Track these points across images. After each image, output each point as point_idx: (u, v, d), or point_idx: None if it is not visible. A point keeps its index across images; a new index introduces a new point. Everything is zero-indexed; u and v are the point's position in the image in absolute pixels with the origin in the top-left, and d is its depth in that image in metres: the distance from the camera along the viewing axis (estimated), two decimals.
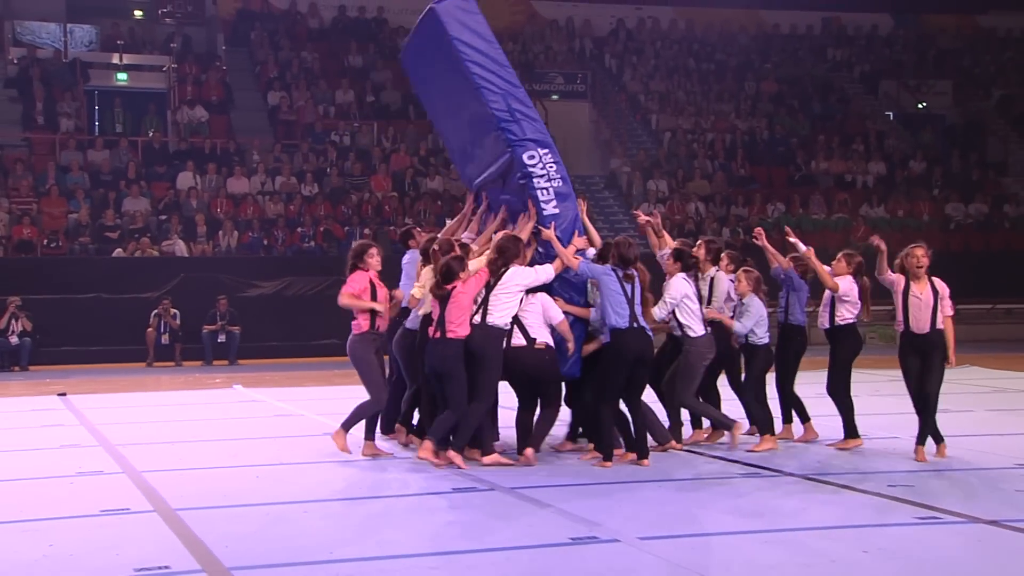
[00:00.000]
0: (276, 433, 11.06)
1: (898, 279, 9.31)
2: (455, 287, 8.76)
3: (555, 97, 28.50)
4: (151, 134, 25.07)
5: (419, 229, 10.97)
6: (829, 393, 9.78)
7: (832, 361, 9.76)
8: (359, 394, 9.56)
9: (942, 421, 9.81)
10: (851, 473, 8.63)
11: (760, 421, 9.78)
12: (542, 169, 9.34)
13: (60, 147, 23.52)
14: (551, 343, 8.96)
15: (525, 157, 9.33)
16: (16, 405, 13.90)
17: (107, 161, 23.29)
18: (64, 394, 14.49)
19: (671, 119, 28.10)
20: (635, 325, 8.87)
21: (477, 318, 8.82)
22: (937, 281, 9.33)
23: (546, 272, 9.03)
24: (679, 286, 9.49)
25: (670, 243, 10.22)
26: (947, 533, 6.77)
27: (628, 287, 8.92)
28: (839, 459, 9.26)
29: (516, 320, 8.93)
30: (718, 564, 6.12)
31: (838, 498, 7.84)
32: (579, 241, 9.30)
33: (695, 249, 9.99)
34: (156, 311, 19.55)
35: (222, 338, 19.79)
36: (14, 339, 18.93)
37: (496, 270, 8.91)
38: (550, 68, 28.96)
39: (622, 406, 9.16)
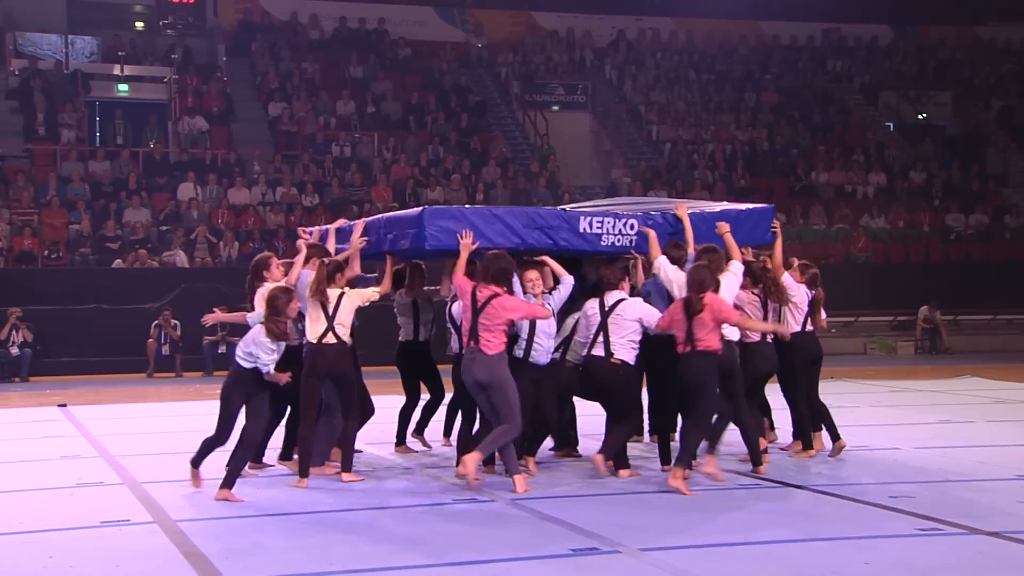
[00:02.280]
0: (276, 444, 11.02)
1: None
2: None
3: (555, 108, 28.56)
4: (152, 145, 25.11)
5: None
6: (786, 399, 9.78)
7: (781, 369, 9.66)
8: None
9: (943, 432, 9.83)
10: (853, 484, 8.62)
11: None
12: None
13: (61, 158, 23.55)
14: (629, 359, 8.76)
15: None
16: (16, 416, 13.90)
17: (108, 172, 23.32)
18: (64, 405, 14.48)
19: (671, 130, 28.14)
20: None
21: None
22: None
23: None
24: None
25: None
26: (948, 544, 6.75)
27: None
28: (841, 471, 9.24)
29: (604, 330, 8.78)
30: (719, 575, 6.11)
31: (840, 509, 7.82)
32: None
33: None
34: (156, 322, 19.55)
35: (223, 349, 19.78)
36: (15, 350, 18.93)
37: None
38: (550, 79, 29.02)
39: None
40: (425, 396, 10.58)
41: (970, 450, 10.06)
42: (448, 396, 10.14)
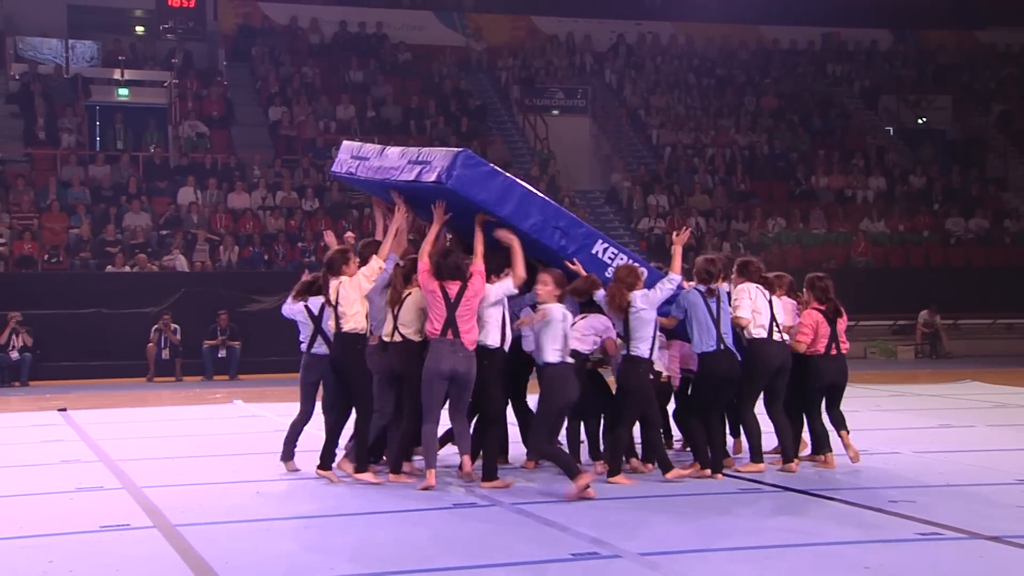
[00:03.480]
0: (277, 448, 10.99)
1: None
2: None
3: (556, 112, 28.56)
4: (152, 149, 25.10)
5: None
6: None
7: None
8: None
9: (943, 436, 9.82)
10: (852, 489, 8.61)
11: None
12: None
13: (61, 162, 23.55)
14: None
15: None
16: (16, 420, 13.88)
17: (108, 176, 23.31)
18: (64, 409, 14.47)
19: (671, 134, 28.14)
20: (722, 347, 8.87)
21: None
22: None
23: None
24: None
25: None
26: (949, 549, 6.75)
27: (713, 305, 8.90)
28: (840, 475, 9.23)
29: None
30: None
31: (840, 514, 7.82)
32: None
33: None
34: (157, 326, 19.54)
35: (223, 353, 19.78)
36: (14, 354, 18.91)
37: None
38: (550, 83, 29.02)
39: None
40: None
41: (970, 454, 10.05)
42: None
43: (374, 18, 29.30)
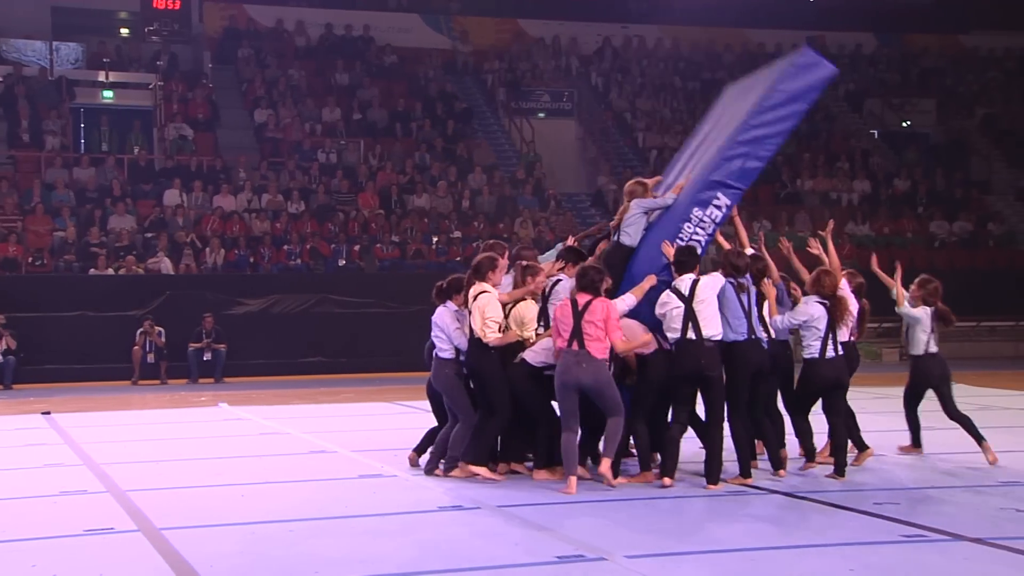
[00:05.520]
0: (262, 452, 11.02)
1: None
2: None
3: (541, 115, 28.60)
4: (137, 152, 25.03)
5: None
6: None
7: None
8: (344, 412, 9.54)
9: (928, 438, 9.84)
10: (837, 491, 8.63)
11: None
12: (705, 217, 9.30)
13: (45, 165, 23.46)
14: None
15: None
16: None
17: (93, 179, 23.23)
18: (48, 412, 14.40)
19: (657, 137, 28.19)
20: (752, 337, 8.89)
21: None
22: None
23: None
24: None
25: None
26: (933, 551, 6.78)
27: (744, 298, 8.92)
28: (825, 477, 9.25)
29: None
30: None
31: (824, 516, 7.84)
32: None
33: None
34: (141, 329, 19.48)
35: (208, 356, 19.72)
36: None
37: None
38: (536, 86, 29.06)
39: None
40: None
41: (954, 456, 10.08)
42: None
43: (360, 21, 29.29)
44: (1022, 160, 30.06)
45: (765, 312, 9.19)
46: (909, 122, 31.09)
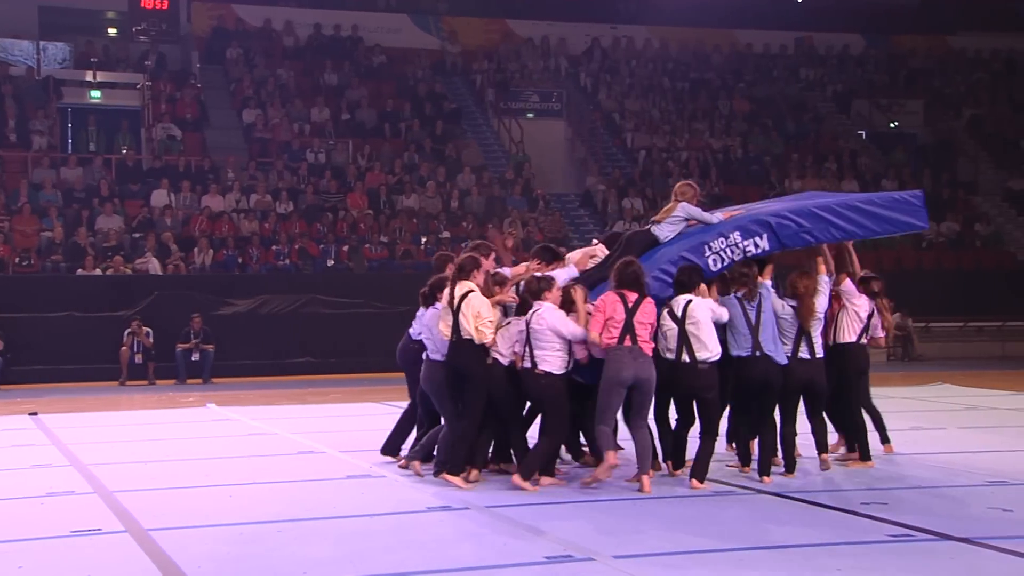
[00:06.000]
0: (250, 452, 11.00)
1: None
2: None
3: (530, 115, 28.60)
4: (125, 152, 24.95)
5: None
6: None
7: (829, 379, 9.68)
8: (332, 413, 9.53)
9: (915, 438, 9.88)
10: (825, 491, 8.66)
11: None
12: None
13: (33, 165, 23.37)
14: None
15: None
16: None
17: (80, 179, 23.16)
18: (35, 413, 14.35)
19: (646, 137, 28.23)
20: (758, 354, 8.91)
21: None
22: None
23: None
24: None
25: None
26: (920, 550, 6.80)
27: (751, 311, 8.93)
28: (813, 477, 9.28)
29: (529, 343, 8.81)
30: None
31: (812, 516, 7.87)
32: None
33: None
34: (129, 329, 19.42)
35: (196, 356, 19.67)
36: None
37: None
38: (525, 87, 29.06)
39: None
40: None
41: (942, 456, 10.12)
42: None
43: (349, 21, 29.26)
44: (1008, 161, 30.20)
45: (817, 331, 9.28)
46: (897, 123, 31.20)
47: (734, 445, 9.81)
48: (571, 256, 9.80)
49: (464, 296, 8.75)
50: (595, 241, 10.33)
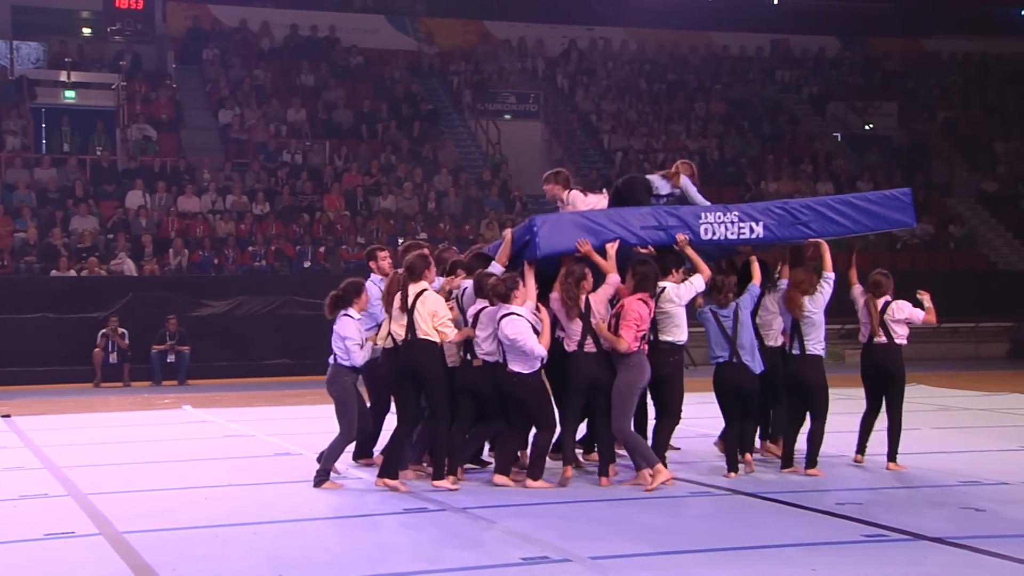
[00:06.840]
0: (226, 454, 10.96)
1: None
2: None
3: (507, 117, 28.60)
4: (99, 152, 24.80)
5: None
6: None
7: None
8: (309, 414, 9.51)
9: (886, 438, 9.93)
10: (799, 491, 8.70)
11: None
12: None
13: (6, 165, 23.20)
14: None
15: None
16: None
17: (54, 179, 23.01)
18: (8, 415, 14.25)
19: (622, 139, 28.28)
20: (734, 360, 9.09)
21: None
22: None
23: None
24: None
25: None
26: (893, 550, 6.84)
27: (726, 321, 9.10)
28: (788, 478, 9.32)
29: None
30: None
31: (787, 516, 7.90)
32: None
33: None
34: (104, 331, 19.30)
35: (171, 358, 19.57)
36: None
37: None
38: (502, 88, 29.08)
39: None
40: None
41: (915, 457, 10.17)
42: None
43: (326, 21, 29.19)
44: (982, 163, 30.42)
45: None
46: (872, 125, 31.38)
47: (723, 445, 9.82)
48: (578, 201, 9.66)
49: (418, 295, 8.70)
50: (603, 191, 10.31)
